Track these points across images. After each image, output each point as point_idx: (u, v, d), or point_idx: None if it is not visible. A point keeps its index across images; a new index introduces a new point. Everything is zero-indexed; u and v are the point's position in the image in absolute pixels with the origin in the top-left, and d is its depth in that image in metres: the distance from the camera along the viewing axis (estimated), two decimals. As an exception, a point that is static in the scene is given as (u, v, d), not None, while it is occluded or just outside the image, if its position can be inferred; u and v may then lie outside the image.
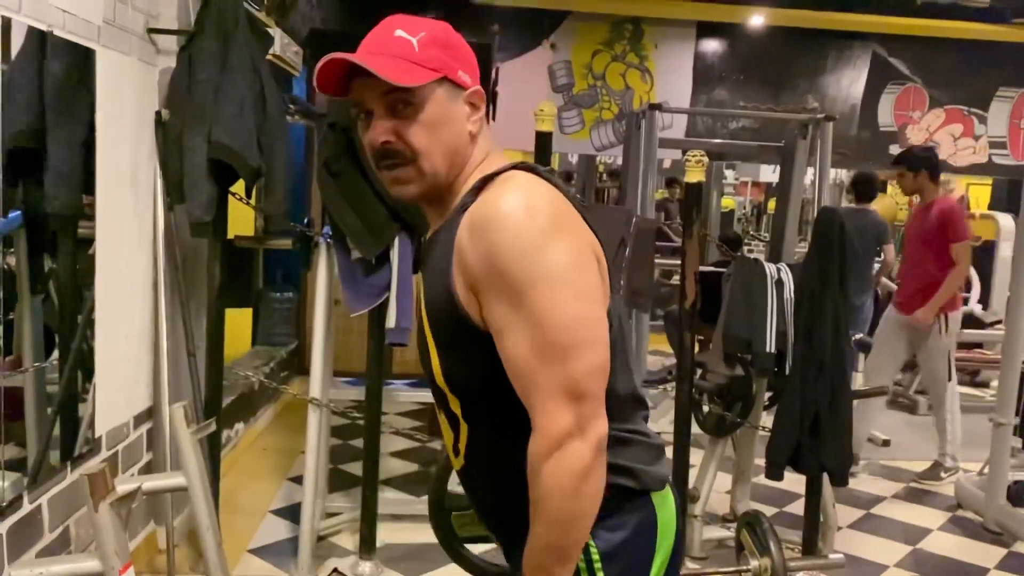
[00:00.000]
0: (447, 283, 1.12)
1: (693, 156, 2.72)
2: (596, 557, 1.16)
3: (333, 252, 2.93)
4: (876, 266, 6.62)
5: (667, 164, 10.63)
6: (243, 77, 2.70)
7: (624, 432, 1.19)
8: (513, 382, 1.10)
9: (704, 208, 9.60)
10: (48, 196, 2.49)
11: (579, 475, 1.05)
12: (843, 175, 10.05)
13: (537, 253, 1.06)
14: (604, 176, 10.46)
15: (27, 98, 2.39)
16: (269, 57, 2.91)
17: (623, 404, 1.20)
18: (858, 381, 5.61)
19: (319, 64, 1.13)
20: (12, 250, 2.43)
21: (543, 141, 2.77)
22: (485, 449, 1.22)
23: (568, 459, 1.05)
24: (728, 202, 12.32)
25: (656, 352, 7.05)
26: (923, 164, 4.46)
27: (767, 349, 2.89)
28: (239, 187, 2.97)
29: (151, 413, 2.93)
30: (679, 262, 2.82)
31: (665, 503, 1.23)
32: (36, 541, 2.22)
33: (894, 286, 6.76)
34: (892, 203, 10.48)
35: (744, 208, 13.79)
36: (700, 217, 2.77)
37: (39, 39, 2.26)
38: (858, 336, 5.09)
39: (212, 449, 2.89)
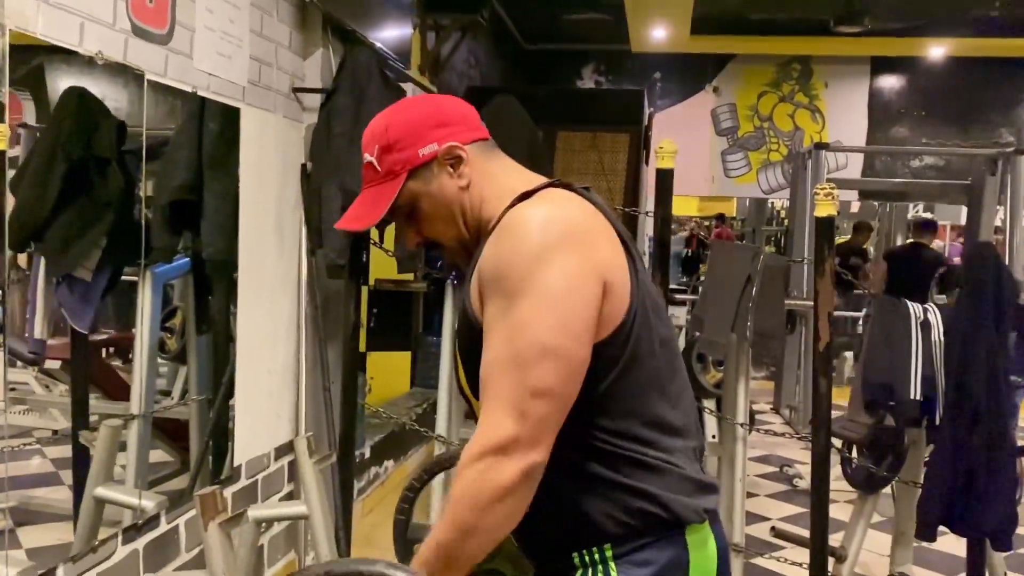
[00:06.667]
0: (468, 296, 1.17)
1: (822, 189, 2.59)
2: None
3: (458, 293, 3.01)
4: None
5: (854, 208, 10.10)
6: (375, 129, 2.87)
7: (649, 457, 1.14)
8: (480, 387, 1.11)
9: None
10: (204, 243, 2.73)
11: (496, 491, 1.05)
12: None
13: (534, 267, 1.08)
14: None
15: (187, 155, 2.66)
16: (402, 109, 3.07)
17: (649, 428, 1.16)
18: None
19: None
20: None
21: (663, 178, 2.74)
22: None
23: (492, 472, 1.05)
24: (926, 246, 11.44)
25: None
26: None
27: (911, 396, 2.66)
28: (376, 233, 3.13)
29: (293, 446, 3.11)
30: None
31: (703, 543, 1.16)
32: (173, 558, 2.40)
33: None
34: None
35: (944, 253, 12.83)
36: (831, 253, 2.61)
37: (199, 102, 2.52)
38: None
39: (344, 481, 3.02)
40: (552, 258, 1.08)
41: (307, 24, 3.03)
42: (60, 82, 2.11)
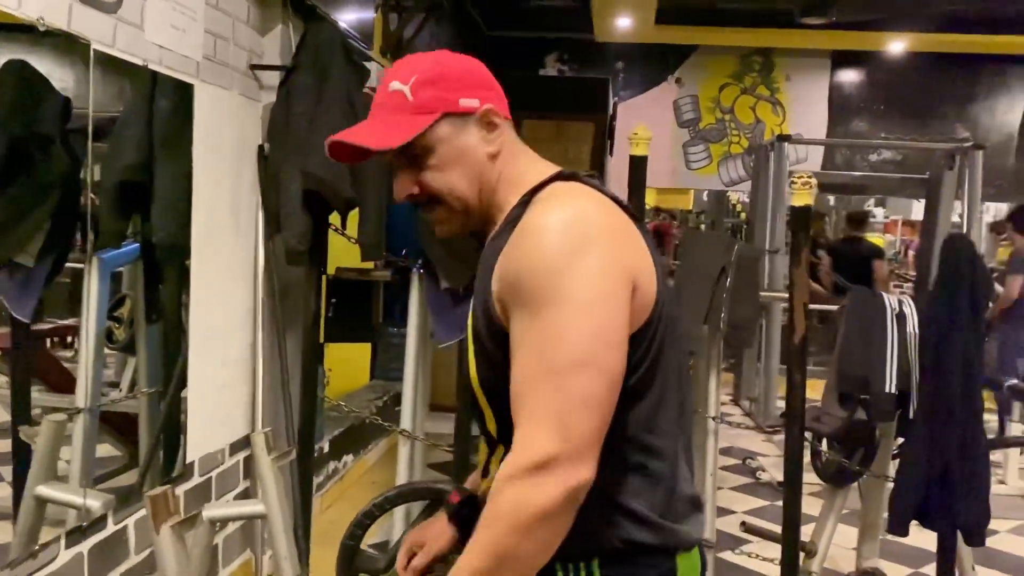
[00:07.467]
0: (487, 295, 1.08)
1: (799, 178, 2.54)
2: None
3: (425, 283, 2.91)
4: None
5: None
6: (338, 108, 2.75)
7: (654, 460, 1.08)
8: (512, 403, 1.01)
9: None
10: (155, 228, 2.58)
11: (538, 514, 0.95)
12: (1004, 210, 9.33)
13: (562, 274, 1.00)
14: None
15: (137, 133, 2.51)
16: (366, 90, 2.95)
17: (665, 424, 1.10)
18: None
19: (328, 144, 1.17)
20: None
21: (637, 165, 2.66)
22: None
23: (533, 492, 0.95)
24: (878, 241, 11.71)
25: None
26: None
27: (886, 389, 2.63)
28: (337, 219, 3.00)
29: (249, 441, 2.97)
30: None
31: (692, 567, 1.12)
32: (122, 562, 2.26)
33: None
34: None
35: (895, 248, 13.09)
36: (808, 243, 2.56)
37: (150, 77, 2.37)
38: (1012, 382, 4.60)
39: (303, 479, 2.90)
40: (578, 264, 1.00)
41: (266, -2, 2.89)
42: (2, 60, 1.97)
